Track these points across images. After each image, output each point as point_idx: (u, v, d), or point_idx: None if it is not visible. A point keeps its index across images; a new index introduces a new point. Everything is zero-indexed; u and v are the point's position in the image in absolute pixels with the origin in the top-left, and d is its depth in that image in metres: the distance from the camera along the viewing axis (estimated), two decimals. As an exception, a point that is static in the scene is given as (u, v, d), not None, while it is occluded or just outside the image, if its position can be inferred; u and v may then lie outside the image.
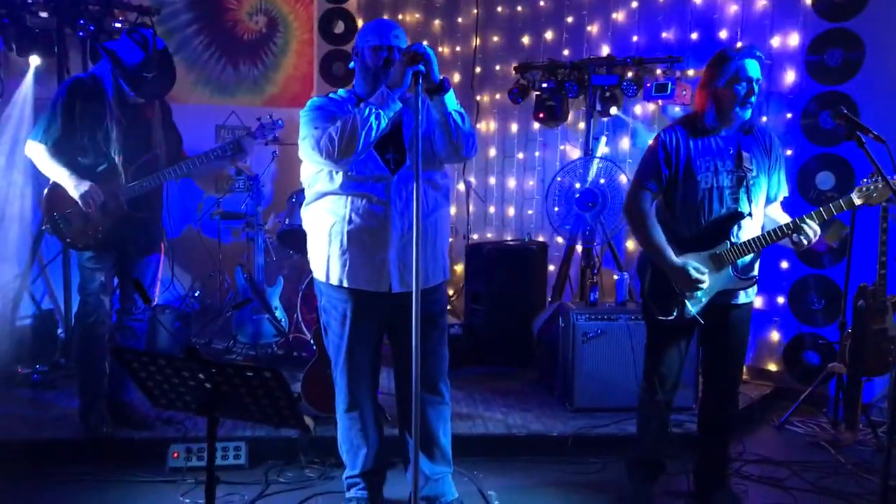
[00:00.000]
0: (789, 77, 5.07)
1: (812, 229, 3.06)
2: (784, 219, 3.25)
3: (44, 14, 4.91)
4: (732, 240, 3.16)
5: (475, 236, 6.46)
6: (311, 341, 4.36)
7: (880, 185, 3.01)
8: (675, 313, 3.22)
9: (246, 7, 6.44)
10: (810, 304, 5.00)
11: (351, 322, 3.10)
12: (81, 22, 5.01)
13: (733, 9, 5.26)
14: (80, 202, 3.76)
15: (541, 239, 6.03)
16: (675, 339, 3.34)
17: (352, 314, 3.10)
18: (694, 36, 5.43)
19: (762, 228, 3.24)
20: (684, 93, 5.19)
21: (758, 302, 5.13)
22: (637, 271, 3.44)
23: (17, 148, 4.89)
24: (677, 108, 5.47)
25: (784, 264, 5.12)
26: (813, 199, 4.85)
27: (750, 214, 3.17)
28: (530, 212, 6.41)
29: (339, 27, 6.53)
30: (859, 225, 4.44)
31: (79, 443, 3.96)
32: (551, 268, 5.94)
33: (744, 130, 3.21)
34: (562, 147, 6.18)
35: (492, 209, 6.63)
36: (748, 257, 3.19)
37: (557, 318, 4.76)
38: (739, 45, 5.14)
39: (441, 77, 2.87)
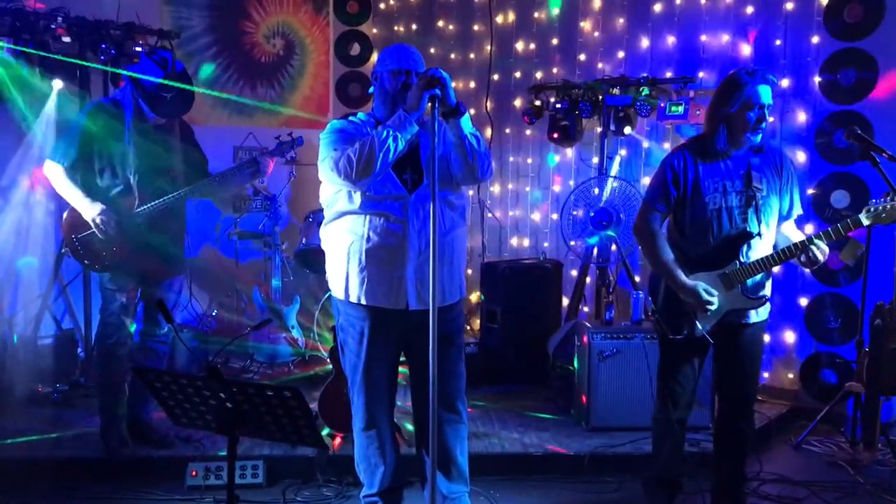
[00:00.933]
0: (802, 96, 5.08)
1: (821, 250, 3.05)
2: (798, 236, 3.25)
3: (66, 39, 5.01)
4: (742, 259, 3.16)
5: (490, 255, 6.48)
6: (328, 360, 4.40)
7: (888, 206, 2.99)
8: (685, 332, 3.25)
9: (263, 30, 6.54)
10: (827, 323, 4.98)
11: (368, 340, 3.13)
12: (103, 46, 5.11)
13: (746, 28, 5.29)
14: (91, 225, 3.83)
15: (556, 258, 6.05)
16: (688, 356, 3.34)
17: (369, 332, 3.13)
18: (705, 55, 5.46)
19: (775, 247, 3.25)
20: (698, 112, 5.21)
21: (773, 321, 5.16)
22: (648, 290, 3.46)
23: (39, 170, 4.98)
24: (691, 128, 5.49)
25: (800, 283, 5.11)
26: (828, 217, 4.85)
27: (759, 234, 3.18)
28: (545, 230, 6.43)
29: (355, 49, 6.62)
30: (875, 243, 4.43)
31: (98, 461, 4.00)
32: (566, 287, 5.95)
33: (754, 150, 3.21)
34: (575, 166, 6.21)
35: (507, 228, 6.66)
36: (758, 277, 3.19)
37: (573, 336, 4.78)
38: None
39: (456, 101, 2.92)
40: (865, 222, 3.03)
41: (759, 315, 3.29)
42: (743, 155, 3.21)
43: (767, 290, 3.27)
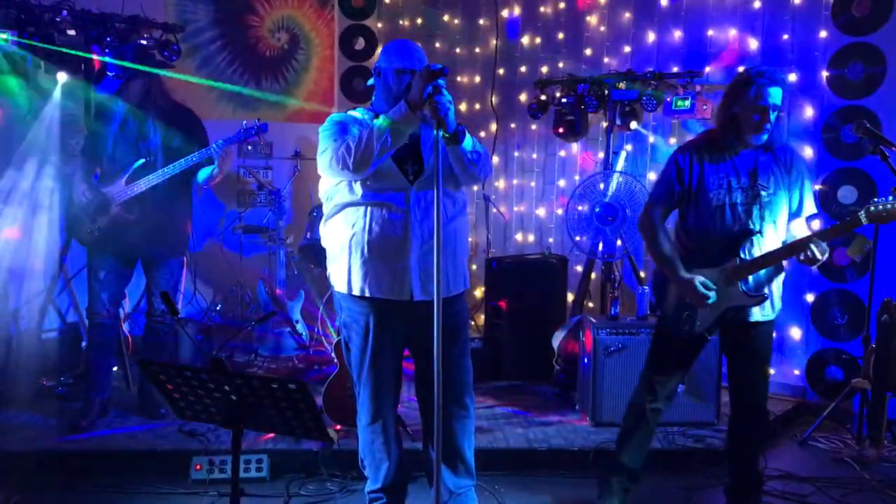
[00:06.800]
0: (810, 91, 5.05)
1: (820, 248, 3.01)
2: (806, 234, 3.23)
3: (71, 32, 4.99)
4: (742, 256, 3.16)
5: (495, 250, 6.47)
6: (332, 355, 4.40)
7: (889, 206, 2.96)
8: (685, 328, 3.26)
9: (268, 24, 6.53)
10: (833, 319, 4.96)
11: (374, 334, 3.11)
12: (108, 40, 5.09)
13: (753, 23, 5.26)
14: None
15: (560, 253, 6.03)
16: (679, 350, 3.34)
17: (374, 326, 3.11)
18: (713, 50, 5.43)
19: (783, 244, 3.21)
20: (704, 107, 5.18)
21: (779, 317, 5.14)
22: (652, 284, 3.46)
23: (45, 163, 4.97)
24: (698, 123, 5.46)
25: (806, 279, 5.09)
26: (835, 213, 4.83)
27: (761, 232, 3.17)
28: (550, 226, 6.42)
29: (360, 44, 6.59)
30: (883, 239, 4.40)
31: (102, 454, 4.01)
32: (571, 282, 5.93)
33: (763, 149, 3.20)
34: (581, 161, 6.19)
35: (511, 223, 6.64)
36: (760, 274, 3.18)
37: (578, 332, 4.76)
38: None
39: (456, 127, 2.89)
40: (864, 221, 2.99)
41: (764, 314, 3.26)
42: (751, 152, 3.20)
43: (772, 289, 3.24)
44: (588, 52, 6.12)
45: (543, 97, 5.88)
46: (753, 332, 3.28)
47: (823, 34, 4.99)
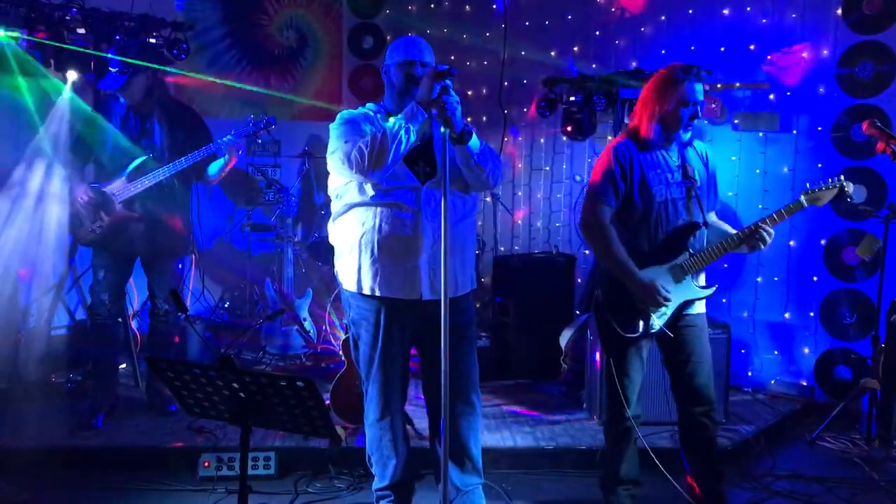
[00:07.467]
0: (819, 90, 5.02)
1: (769, 233, 3.14)
2: (725, 225, 3.34)
3: (81, 30, 5.00)
4: (691, 250, 3.19)
5: (502, 249, 6.46)
6: (340, 352, 4.41)
7: (823, 189, 3.14)
8: (640, 329, 3.19)
9: (277, 23, 6.54)
10: (842, 319, 4.94)
11: (383, 332, 3.12)
12: (118, 38, 5.10)
13: (762, 21, 5.24)
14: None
15: (568, 251, 6.02)
16: (638, 348, 3.27)
17: (384, 323, 3.12)
18: (722, 49, 5.41)
19: (734, 234, 3.28)
20: (713, 105, 5.17)
21: (788, 316, 5.14)
22: (596, 287, 3.38)
23: (54, 162, 4.99)
24: (705, 121, 5.44)
25: (815, 278, 5.07)
26: (843, 212, 4.80)
27: (705, 224, 3.22)
28: (558, 224, 6.41)
29: (368, 42, 6.61)
30: (893, 238, 4.38)
31: (110, 450, 4.03)
32: (579, 280, 5.92)
33: (684, 144, 3.27)
34: (589, 159, 6.17)
35: (519, 221, 6.63)
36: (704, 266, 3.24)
37: (585, 330, 4.76)
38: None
39: (462, 126, 2.91)
40: (804, 203, 3.16)
41: (697, 307, 3.28)
42: (676, 148, 3.26)
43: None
44: (596, 50, 6.10)
45: (552, 96, 5.86)
46: (692, 324, 3.27)
47: (834, 32, 4.95)
